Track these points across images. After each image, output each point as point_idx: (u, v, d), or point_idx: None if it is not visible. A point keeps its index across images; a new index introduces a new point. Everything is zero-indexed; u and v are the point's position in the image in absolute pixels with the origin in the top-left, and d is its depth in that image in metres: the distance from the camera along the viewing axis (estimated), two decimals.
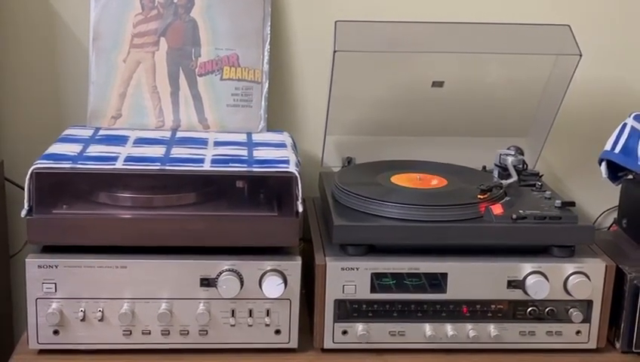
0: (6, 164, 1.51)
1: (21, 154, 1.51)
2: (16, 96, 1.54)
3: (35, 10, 1.51)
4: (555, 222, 1.25)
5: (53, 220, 1.20)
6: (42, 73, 1.54)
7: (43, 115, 1.55)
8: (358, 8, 1.53)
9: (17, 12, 1.51)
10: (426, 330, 1.25)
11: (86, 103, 1.46)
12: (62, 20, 1.51)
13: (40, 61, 1.53)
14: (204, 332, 1.22)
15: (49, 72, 1.54)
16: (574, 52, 1.35)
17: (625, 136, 1.38)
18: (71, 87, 1.54)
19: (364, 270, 1.22)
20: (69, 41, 1.52)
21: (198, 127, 1.47)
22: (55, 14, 1.51)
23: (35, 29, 1.52)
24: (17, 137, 1.55)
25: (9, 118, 1.55)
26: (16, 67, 1.53)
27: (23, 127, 1.55)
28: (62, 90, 1.54)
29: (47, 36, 1.52)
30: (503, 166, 1.40)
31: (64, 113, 1.55)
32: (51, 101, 1.55)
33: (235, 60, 1.47)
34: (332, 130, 1.44)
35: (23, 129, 1.55)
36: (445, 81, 1.43)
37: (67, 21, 1.52)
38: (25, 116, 1.55)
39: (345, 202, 1.30)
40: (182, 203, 1.25)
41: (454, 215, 1.25)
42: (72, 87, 1.53)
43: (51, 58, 1.53)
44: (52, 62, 1.53)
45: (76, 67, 1.52)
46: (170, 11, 1.46)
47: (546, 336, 1.27)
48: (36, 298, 1.19)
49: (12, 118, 1.55)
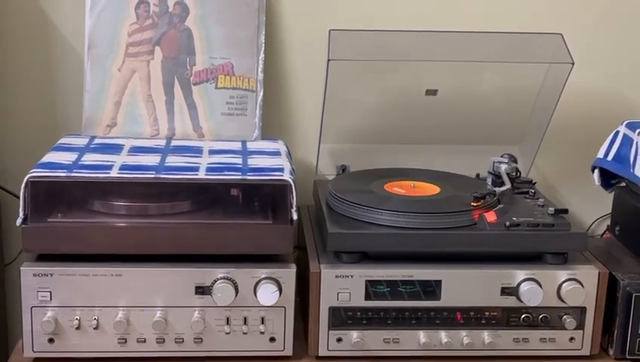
0: (1, 173, 1.51)
1: (16, 163, 1.51)
2: (11, 105, 1.55)
3: (30, 20, 1.51)
4: (549, 230, 1.26)
5: (48, 229, 1.20)
6: (37, 82, 1.54)
7: (38, 124, 1.55)
8: (353, 17, 1.53)
9: (12, 21, 1.51)
10: (421, 337, 1.25)
11: (81, 112, 1.46)
12: (57, 29, 1.52)
13: (35, 70, 1.54)
14: (199, 340, 1.22)
15: (44, 80, 1.54)
16: (567, 60, 1.35)
17: (617, 144, 1.39)
18: (66, 95, 1.54)
19: (358, 277, 1.23)
20: (64, 50, 1.52)
21: (192, 135, 1.47)
22: (50, 23, 1.52)
23: (30, 38, 1.52)
24: (12, 146, 1.55)
25: (4, 126, 1.55)
26: (11, 76, 1.54)
27: (18, 135, 1.55)
28: (57, 98, 1.55)
29: (42, 45, 1.52)
30: (497, 173, 1.40)
31: (59, 122, 1.55)
32: (46, 110, 1.55)
33: (230, 69, 1.48)
34: (326, 138, 1.44)
35: (18, 138, 1.55)
36: (439, 89, 1.43)
37: (62, 30, 1.52)
38: (20, 125, 1.55)
39: (339, 210, 1.30)
40: (177, 211, 1.25)
41: (448, 222, 1.26)
42: (67, 96, 1.54)
43: (46, 67, 1.54)
44: (47, 71, 1.54)
45: (71, 76, 1.52)
46: (164, 20, 1.47)
47: (540, 343, 1.27)
48: (31, 306, 1.19)
49: (7, 127, 1.55)
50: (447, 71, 1.42)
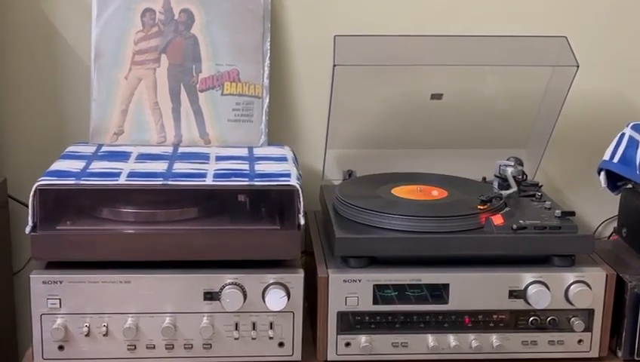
0: (9, 182, 1.51)
1: (24, 172, 1.52)
2: (18, 114, 1.55)
3: (36, 30, 1.52)
4: (556, 232, 1.26)
5: (57, 236, 1.21)
6: (44, 91, 1.55)
7: (46, 133, 1.56)
8: (357, 23, 1.54)
9: (19, 31, 1.52)
10: (429, 341, 1.25)
11: (88, 120, 1.47)
12: (63, 39, 1.53)
13: (42, 79, 1.54)
14: (208, 346, 1.23)
15: (51, 90, 1.55)
16: (571, 63, 1.36)
17: (623, 146, 1.39)
18: (73, 104, 1.55)
19: (366, 282, 1.23)
20: (70, 59, 1.53)
21: (199, 142, 1.48)
22: (56, 33, 1.52)
23: (37, 48, 1.53)
24: (20, 155, 1.56)
25: (12, 136, 1.56)
26: (19, 86, 1.54)
27: (26, 145, 1.56)
28: (64, 107, 1.56)
29: (48, 55, 1.53)
30: (503, 177, 1.40)
31: (66, 131, 1.56)
32: (54, 119, 1.56)
33: (236, 76, 1.48)
34: (332, 144, 1.44)
35: (25, 147, 1.56)
36: (444, 93, 1.44)
37: (68, 39, 1.53)
38: (28, 134, 1.56)
39: (346, 215, 1.30)
40: (184, 217, 1.25)
41: (455, 226, 1.26)
42: (74, 105, 1.54)
43: (53, 76, 1.54)
44: (54, 80, 1.54)
45: (78, 85, 1.53)
46: (170, 28, 1.48)
47: (548, 346, 1.27)
48: (41, 313, 1.20)
49: (15, 137, 1.56)
50: (453, 75, 1.42)
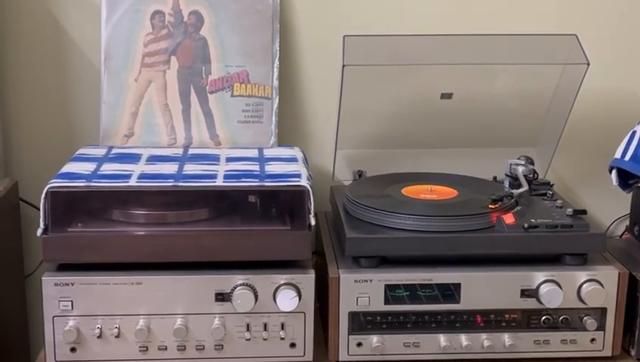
0: (20, 185, 1.52)
1: (35, 175, 1.52)
2: (29, 117, 1.56)
3: (45, 32, 1.52)
4: (567, 231, 1.25)
5: (68, 238, 1.21)
6: (54, 94, 1.55)
7: (56, 136, 1.56)
8: (366, 23, 1.54)
9: (28, 35, 1.53)
10: (441, 341, 1.25)
11: (98, 123, 1.47)
12: (73, 42, 1.53)
13: (52, 82, 1.55)
14: (219, 347, 1.23)
15: (61, 92, 1.55)
16: (582, 61, 1.35)
17: (634, 144, 1.38)
18: (83, 107, 1.55)
19: (377, 282, 1.23)
20: (80, 62, 1.54)
21: (209, 143, 1.48)
22: (66, 35, 1.53)
23: (46, 50, 1.53)
24: (31, 158, 1.56)
25: (23, 139, 1.56)
26: (29, 89, 1.55)
27: (37, 148, 1.57)
28: (74, 110, 1.56)
29: (58, 58, 1.54)
30: (514, 176, 1.40)
31: (77, 133, 1.56)
32: (64, 121, 1.56)
33: (245, 77, 1.48)
34: (342, 144, 1.44)
35: (36, 149, 1.57)
36: (454, 92, 1.43)
37: (78, 42, 1.53)
38: (38, 137, 1.57)
39: (357, 215, 1.30)
40: (195, 219, 1.26)
41: (466, 225, 1.25)
42: (85, 107, 1.55)
43: (63, 79, 1.55)
44: (64, 83, 1.55)
45: (88, 87, 1.53)
46: (180, 30, 1.48)
47: (561, 345, 1.27)
48: (53, 316, 1.20)
49: (26, 139, 1.57)
50: (462, 74, 1.42)
